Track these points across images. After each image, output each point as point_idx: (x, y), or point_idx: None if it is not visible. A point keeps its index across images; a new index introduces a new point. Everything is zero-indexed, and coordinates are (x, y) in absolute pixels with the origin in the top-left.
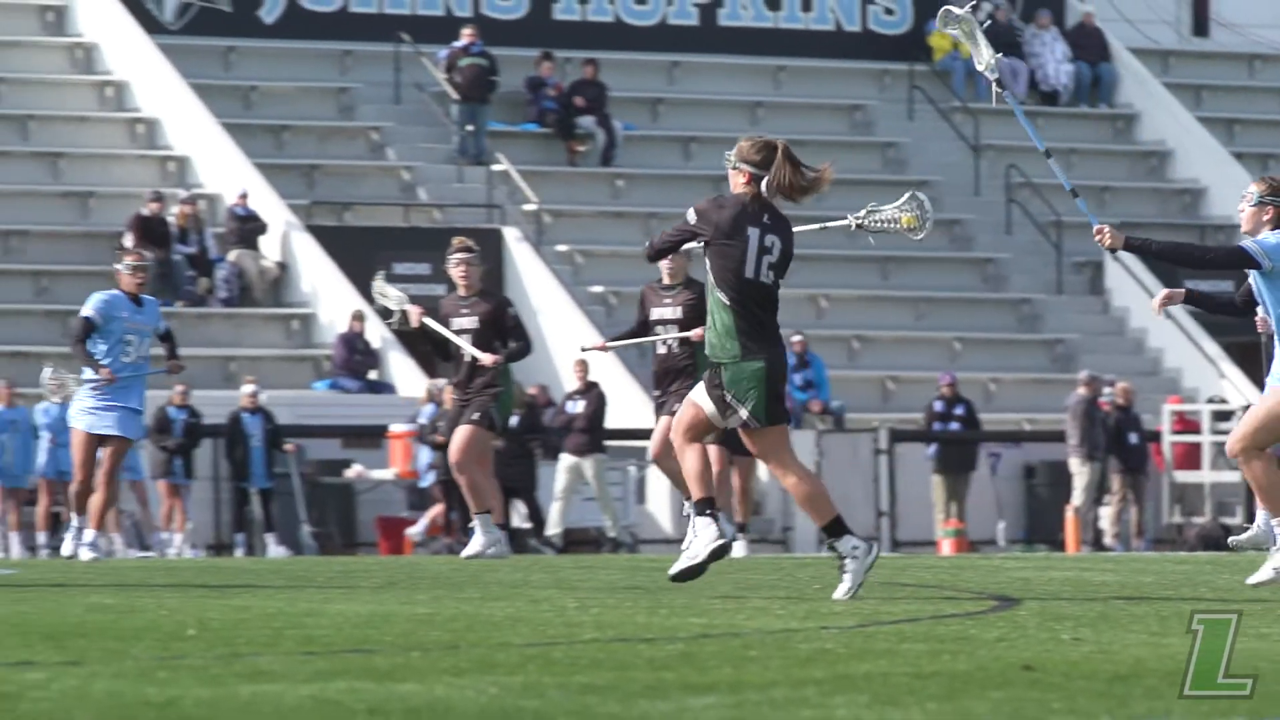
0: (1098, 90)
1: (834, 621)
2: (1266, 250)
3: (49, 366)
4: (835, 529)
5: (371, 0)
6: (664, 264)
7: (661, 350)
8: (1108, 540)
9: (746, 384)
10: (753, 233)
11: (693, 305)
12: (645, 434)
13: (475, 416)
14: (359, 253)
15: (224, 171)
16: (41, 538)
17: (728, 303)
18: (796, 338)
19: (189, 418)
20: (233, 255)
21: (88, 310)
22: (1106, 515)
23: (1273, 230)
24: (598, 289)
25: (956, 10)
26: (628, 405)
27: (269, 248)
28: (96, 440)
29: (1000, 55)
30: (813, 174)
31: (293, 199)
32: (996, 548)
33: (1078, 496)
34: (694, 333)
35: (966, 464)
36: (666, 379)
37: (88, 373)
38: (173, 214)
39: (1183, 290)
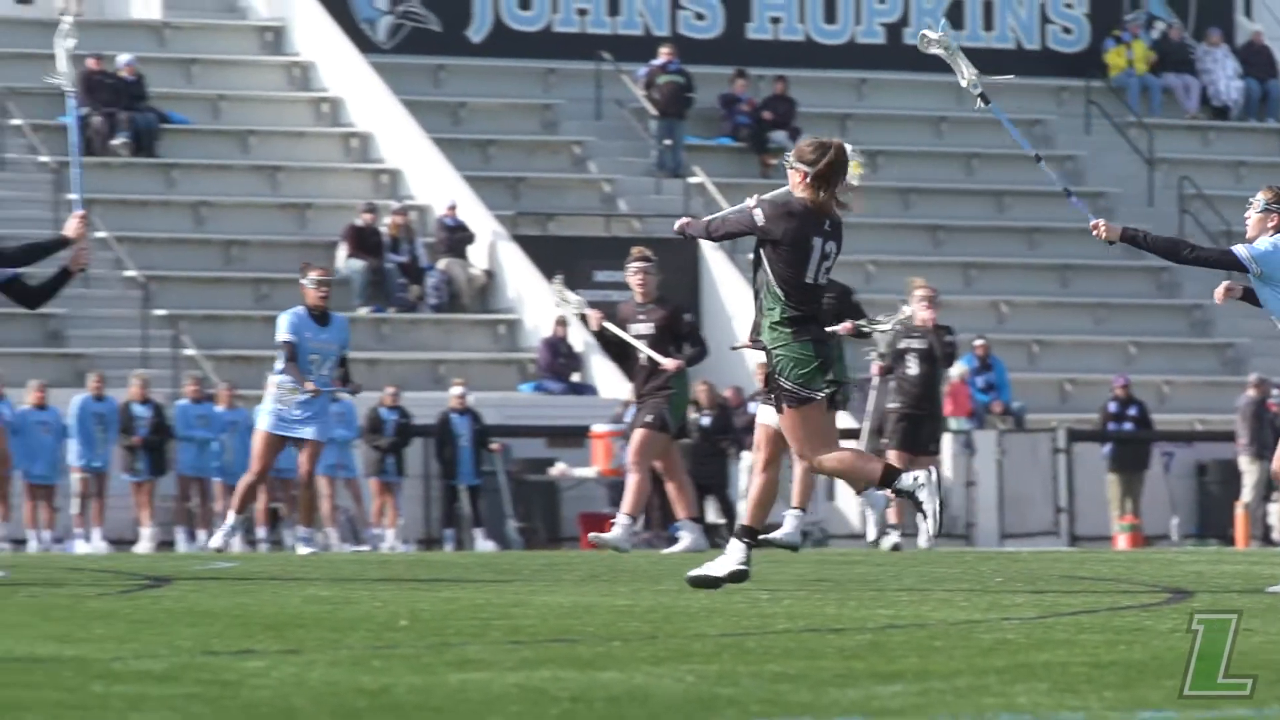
0: (1266, 105)
1: (1015, 613)
2: (1256, 256)
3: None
4: (890, 477)
5: (574, 20)
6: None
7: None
8: (1276, 535)
9: (800, 364)
10: (816, 242)
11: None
12: None
13: (648, 419)
14: (562, 261)
15: (434, 184)
16: (261, 532)
17: (784, 298)
18: (979, 341)
19: (400, 418)
20: (442, 263)
21: (286, 335)
22: (1275, 511)
23: (1272, 236)
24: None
25: (930, 34)
26: None
27: (477, 256)
28: (279, 441)
29: (975, 77)
30: (838, 198)
31: (499, 210)
32: (1170, 542)
33: (1247, 493)
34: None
35: (1140, 462)
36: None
37: (273, 378)
38: (385, 224)
39: (1240, 287)
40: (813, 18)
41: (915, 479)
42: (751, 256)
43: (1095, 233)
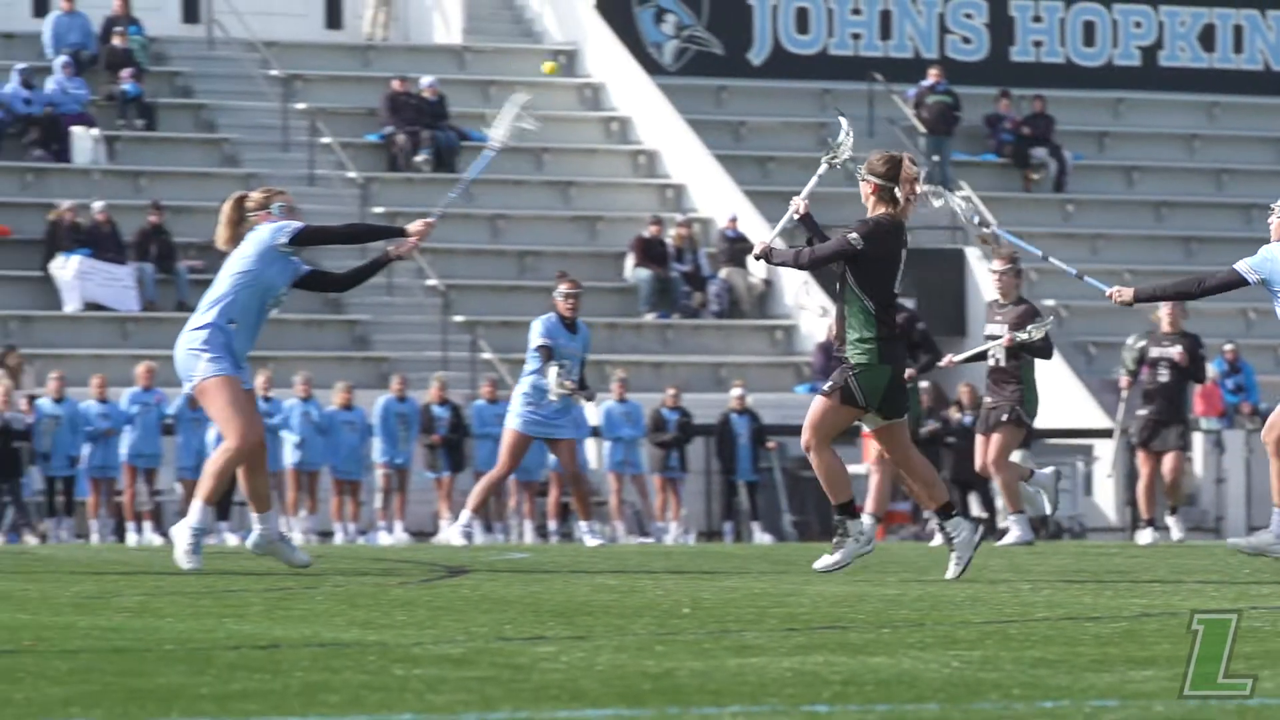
0: None
1: (1262, 602)
2: (1254, 265)
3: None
4: (846, 510)
5: (848, 44)
6: (996, 284)
7: (990, 362)
8: None
9: (873, 380)
10: (900, 254)
11: (1019, 321)
12: (1088, 433)
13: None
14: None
15: (716, 198)
16: (552, 525)
17: (873, 311)
18: (1228, 346)
19: (681, 417)
20: (723, 273)
21: (542, 339)
22: None
23: None
24: (1050, 302)
25: (922, 187)
26: (1074, 406)
27: (756, 266)
28: (529, 441)
29: (970, 208)
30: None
31: (777, 223)
32: None
33: None
34: (1003, 339)
35: None
36: (995, 387)
37: (524, 380)
38: (670, 236)
39: None
40: (1072, 41)
41: (860, 530)
42: (838, 277)
43: (1114, 300)
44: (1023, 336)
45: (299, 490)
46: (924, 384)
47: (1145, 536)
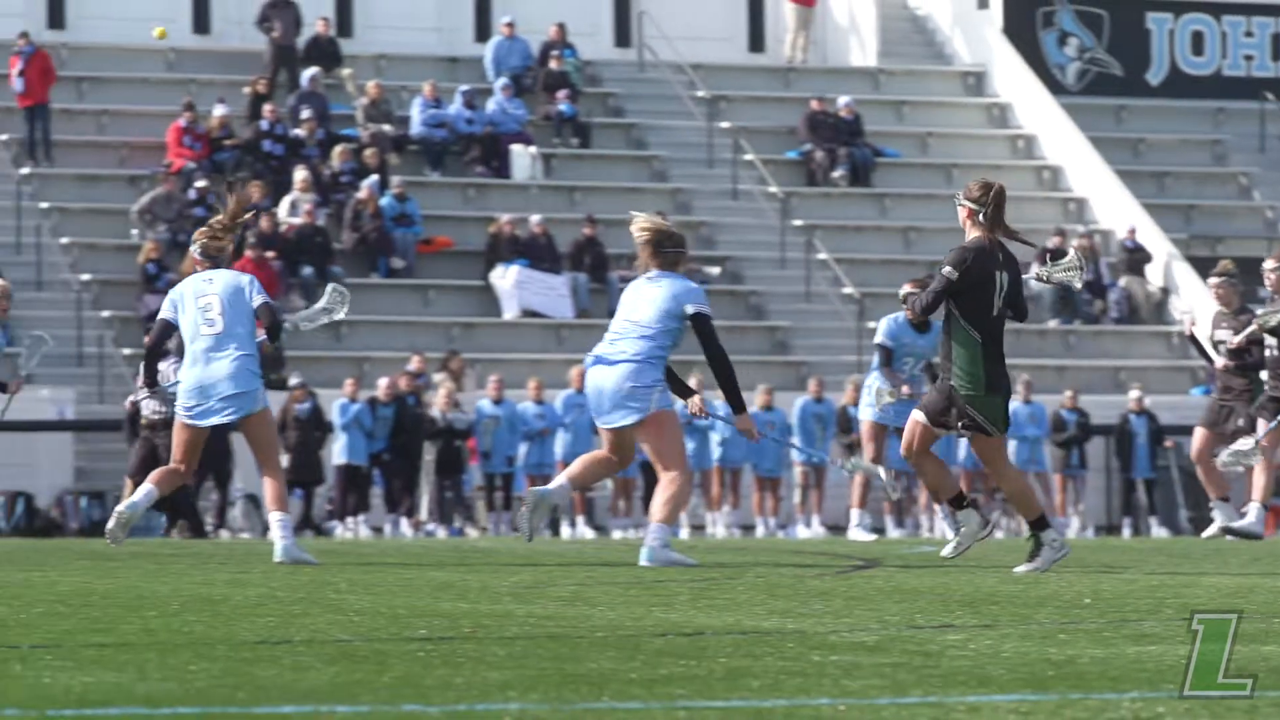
0: None
1: None
2: None
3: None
4: (1039, 524)
5: (1241, 65)
6: (1268, 279)
7: (1267, 353)
8: None
9: (989, 409)
10: (997, 275)
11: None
12: None
13: (1240, 423)
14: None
15: (1116, 211)
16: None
17: (978, 338)
18: None
19: (1079, 418)
20: (1123, 281)
21: (882, 339)
22: None
23: None
24: None
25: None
26: None
27: (1153, 275)
28: (884, 429)
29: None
30: (1008, 228)
31: (1173, 234)
32: None
33: None
34: (1249, 328)
35: None
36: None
37: (872, 375)
38: (1072, 246)
39: None
40: None
41: (1054, 539)
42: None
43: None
44: (1263, 320)
45: (722, 487)
46: None
47: None
